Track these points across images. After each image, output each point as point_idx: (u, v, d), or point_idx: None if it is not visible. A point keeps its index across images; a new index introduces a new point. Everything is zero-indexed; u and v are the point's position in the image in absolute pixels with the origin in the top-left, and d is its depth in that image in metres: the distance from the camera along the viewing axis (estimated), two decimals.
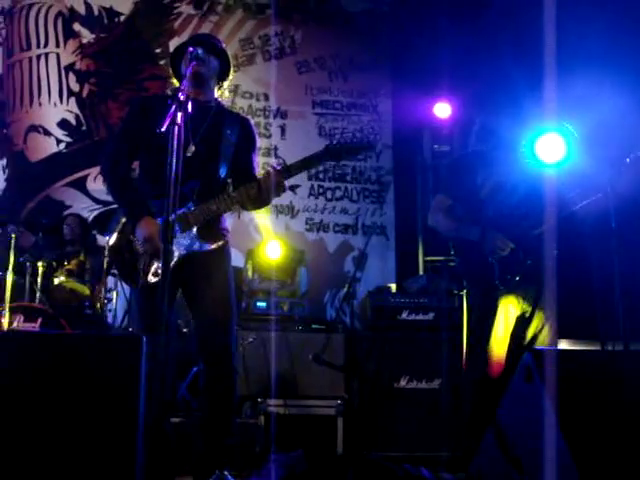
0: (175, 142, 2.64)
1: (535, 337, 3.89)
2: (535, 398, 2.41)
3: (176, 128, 2.67)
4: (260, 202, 3.49)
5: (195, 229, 3.38)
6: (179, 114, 2.69)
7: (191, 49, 3.22)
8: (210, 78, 3.58)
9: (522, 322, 3.90)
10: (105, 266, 5.66)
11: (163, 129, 2.61)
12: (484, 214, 3.98)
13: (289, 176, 3.41)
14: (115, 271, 3.48)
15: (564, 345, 5.77)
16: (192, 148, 3.34)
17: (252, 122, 3.78)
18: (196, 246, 3.38)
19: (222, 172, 3.50)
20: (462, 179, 4.12)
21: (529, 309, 3.89)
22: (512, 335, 3.85)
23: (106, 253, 3.33)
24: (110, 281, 6.09)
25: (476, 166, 4.11)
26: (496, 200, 4.00)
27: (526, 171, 4.12)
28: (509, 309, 3.86)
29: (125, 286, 5.39)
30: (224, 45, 3.73)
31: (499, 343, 3.81)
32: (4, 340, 2.41)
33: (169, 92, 3.70)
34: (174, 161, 2.62)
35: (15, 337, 2.65)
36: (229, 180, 3.58)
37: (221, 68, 3.63)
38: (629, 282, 4.44)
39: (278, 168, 3.41)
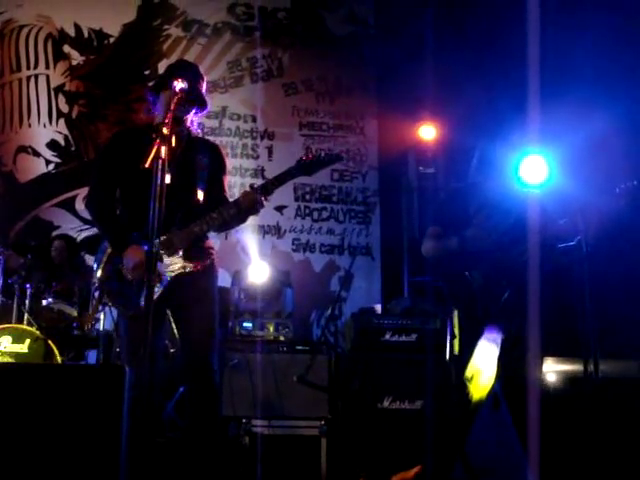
0: (159, 176, 2.71)
1: (517, 364, 3.93)
2: (503, 425, 2.48)
3: (160, 162, 2.74)
4: (239, 220, 3.64)
5: (181, 252, 3.48)
6: (163, 148, 2.77)
7: (176, 85, 3.28)
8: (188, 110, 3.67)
9: (506, 349, 3.94)
10: (96, 297, 5.71)
11: (147, 165, 2.69)
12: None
13: (266, 193, 3.52)
14: (106, 301, 3.55)
15: (549, 363, 5.86)
16: (168, 177, 3.42)
17: (220, 148, 3.89)
18: (184, 268, 3.48)
19: (200, 196, 3.61)
20: (454, 208, 4.20)
21: (512, 336, 3.94)
22: (498, 362, 3.89)
23: (96, 284, 3.43)
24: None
25: (468, 197, 4.19)
26: (488, 228, 4.07)
27: (518, 197, 4.19)
28: (494, 335, 3.91)
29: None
30: (202, 72, 3.82)
31: (484, 367, 3.86)
32: None
33: (142, 125, 3.81)
34: (157, 194, 2.70)
35: None
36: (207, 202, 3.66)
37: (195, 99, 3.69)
38: (604, 302, 4.56)
39: (255, 187, 3.56)
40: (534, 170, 5.94)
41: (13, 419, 2.27)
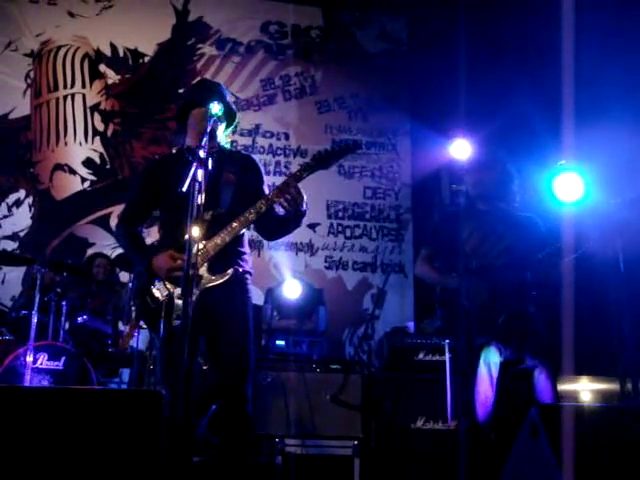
0: (196, 199, 2.73)
1: (515, 384, 3.92)
2: (541, 454, 2.44)
3: (196, 185, 2.77)
4: (267, 225, 3.67)
5: (205, 265, 3.46)
6: (200, 171, 2.79)
7: (212, 108, 3.32)
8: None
9: (506, 369, 3.94)
10: (131, 319, 5.74)
11: (184, 189, 2.72)
12: (470, 266, 4.05)
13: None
14: (140, 322, 3.58)
15: (584, 382, 5.79)
16: (201, 196, 3.44)
17: (253, 157, 3.85)
18: (206, 281, 3.44)
19: (222, 211, 3.53)
20: (448, 234, 4.18)
21: (512, 357, 3.94)
22: (498, 381, 3.90)
23: (131, 307, 3.53)
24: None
25: (461, 221, 4.14)
26: (481, 252, 4.08)
27: (512, 221, 4.18)
28: (492, 357, 3.92)
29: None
30: (227, 92, 3.83)
31: (484, 389, 3.87)
32: (22, 396, 2.48)
33: (174, 150, 3.85)
34: (194, 217, 2.72)
35: (30, 393, 2.72)
36: (231, 215, 3.57)
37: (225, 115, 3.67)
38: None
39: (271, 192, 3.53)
40: (569, 187, 5.89)
41: (50, 443, 2.29)
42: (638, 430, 2.56)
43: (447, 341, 4.21)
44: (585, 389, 5.73)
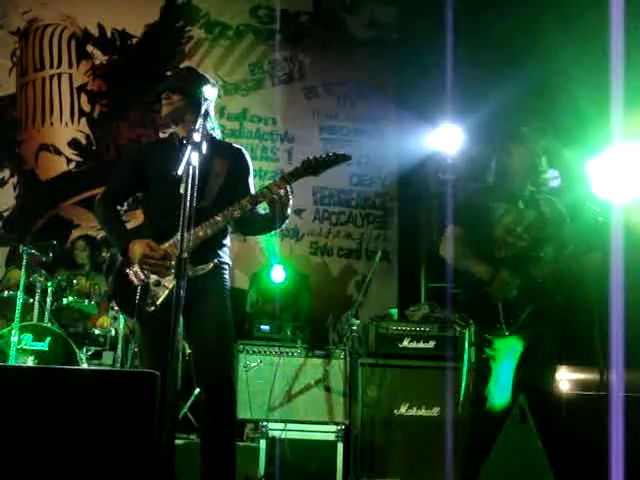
0: (189, 182, 2.73)
1: (539, 376, 3.92)
2: (529, 439, 2.48)
3: (190, 168, 2.77)
4: (256, 223, 3.70)
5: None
6: (194, 155, 2.79)
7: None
8: (184, 114, 3.59)
9: (526, 361, 3.93)
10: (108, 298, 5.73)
11: (180, 172, 2.71)
12: (497, 254, 4.02)
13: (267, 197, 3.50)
14: (115, 306, 3.56)
15: (563, 372, 5.85)
16: (183, 186, 3.39)
17: (244, 151, 3.80)
18: (188, 272, 3.40)
19: (205, 204, 3.49)
20: (478, 214, 4.08)
21: (532, 350, 3.93)
22: (516, 373, 3.89)
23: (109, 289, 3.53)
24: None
25: (492, 202, 4.09)
26: (509, 240, 4.03)
27: (542, 207, 4.13)
28: (513, 348, 3.91)
29: None
30: (193, 73, 3.74)
31: (503, 381, 3.87)
32: (15, 375, 2.48)
33: (163, 135, 3.85)
34: (188, 202, 2.72)
35: (21, 371, 2.71)
36: (214, 208, 3.54)
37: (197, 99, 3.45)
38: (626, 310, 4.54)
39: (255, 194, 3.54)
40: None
41: (43, 424, 2.28)
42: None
43: (468, 328, 4.17)
44: (564, 378, 5.79)
